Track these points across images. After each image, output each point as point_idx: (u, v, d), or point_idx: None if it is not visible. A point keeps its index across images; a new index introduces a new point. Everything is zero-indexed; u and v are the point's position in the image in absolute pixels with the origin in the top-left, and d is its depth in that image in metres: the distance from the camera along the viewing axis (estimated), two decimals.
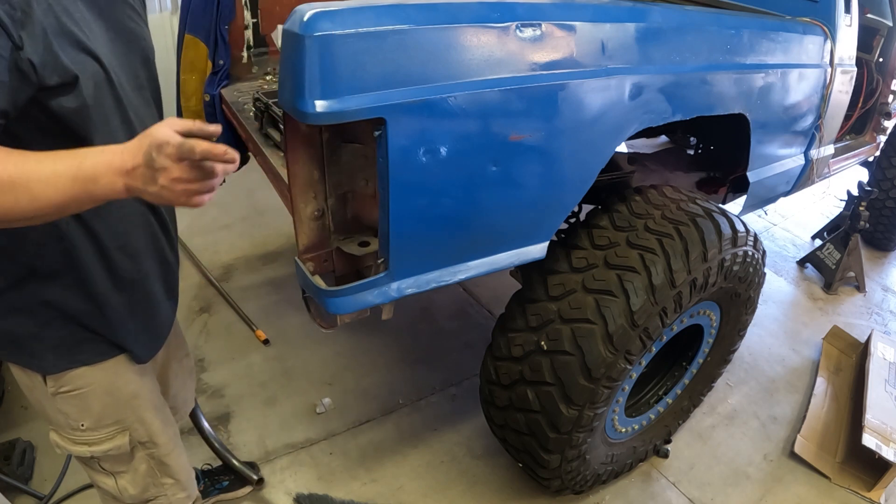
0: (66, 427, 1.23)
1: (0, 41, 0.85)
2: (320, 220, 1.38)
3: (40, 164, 0.85)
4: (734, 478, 2.27)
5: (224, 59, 2.21)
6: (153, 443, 1.34)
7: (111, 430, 1.25)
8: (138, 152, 0.85)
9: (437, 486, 2.11)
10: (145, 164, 0.85)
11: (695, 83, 1.67)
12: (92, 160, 0.86)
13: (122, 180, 0.86)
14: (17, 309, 1.08)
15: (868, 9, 2.89)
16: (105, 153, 0.88)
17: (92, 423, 1.23)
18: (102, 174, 0.86)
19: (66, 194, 0.86)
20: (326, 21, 1.01)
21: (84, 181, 0.85)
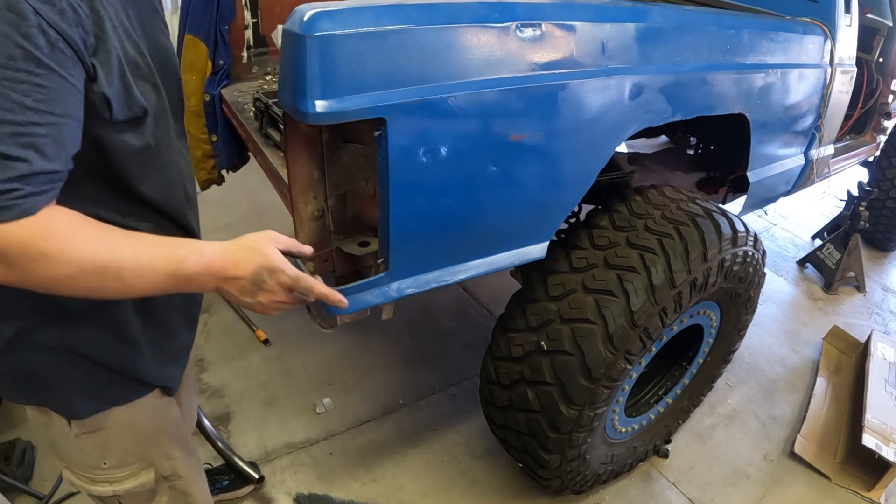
0: (85, 466, 1.12)
1: (74, 71, 0.75)
2: (320, 220, 1.38)
3: (136, 251, 0.82)
4: (734, 478, 2.27)
5: (224, 59, 2.21)
6: (177, 475, 1.25)
7: (136, 467, 1.16)
8: (244, 266, 0.87)
9: (437, 486, 2.11)
10: (252, 280, 0.87)
11: (695, 83, 1.67)
12: (193, 260, 0.85)
13: (217, 283, 0.87)
14: (45, 348, 0.97)
15: (868, 9, 2.89)
16: (206, 255, 0.86)
17: (116, 462, 1.12)
18: (200, 275, 0.85)
19: (156, 288, 0.84)
20: (326, 21, 1.01)
21: (179, 279, 0.84)
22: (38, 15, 0.69)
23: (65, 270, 0.76)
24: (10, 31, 0.68)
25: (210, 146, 2.26)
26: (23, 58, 0.69)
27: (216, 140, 2.26)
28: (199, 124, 2.21)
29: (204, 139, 2.24)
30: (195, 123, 2.20)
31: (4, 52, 0.68)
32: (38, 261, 0.74)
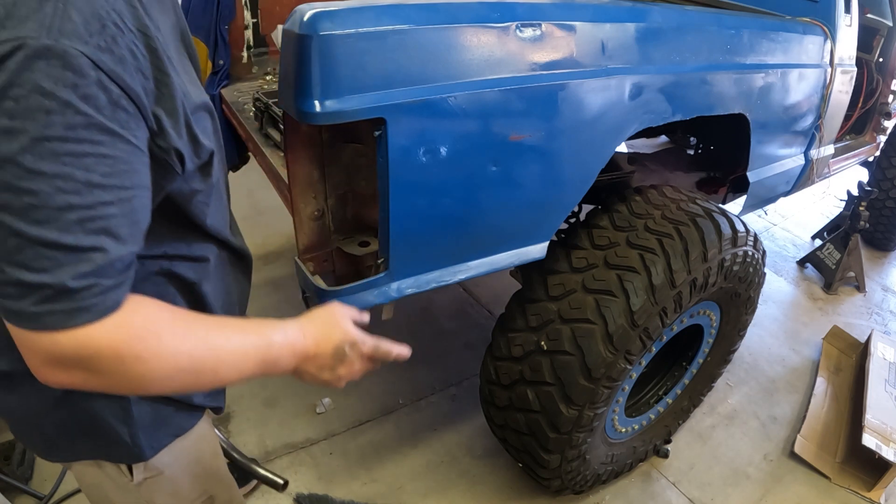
0: None
1: (138, 132, 0.64)
2: (320, 220, 1.38)
3: (230, 341, 0.76)
4: (734, 478, 2.27)
5: (224, 59, 2.21)
6: (231, 499, 1.17)
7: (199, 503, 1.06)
8: (325, 342, 0.84)
9: (437, 486, 2.11)
10: (333, 355, 0.85)
11: (695, 83, 1.67)
12: (279, 343, 0.81)
13: (296, 363, 0.83)
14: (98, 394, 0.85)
15: (868, 9, 2.89)
16: (288, 334, 0.82)
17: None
18: (285, 357, 0.81)
19: (244, 376, 0.78)
20: (326, 21, 1.01)
21: (267, 364, 0.80)
22: (97, 69, 0.58)
23: (161, 372, 0.69)
24: (68, 95, 0.56)
25: None
26: (84, 125, 0.58)
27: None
28: None
29: None
30: None
31: (63, 120, 0.56)
32: (132, 364, 0.66)
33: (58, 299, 0.60)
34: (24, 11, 0.55)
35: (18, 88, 0.54)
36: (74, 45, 0.56)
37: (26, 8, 0.55)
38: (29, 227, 0.57)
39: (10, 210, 0.57)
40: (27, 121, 0.55)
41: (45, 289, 0.60)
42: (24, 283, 0.59)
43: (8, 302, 0.61)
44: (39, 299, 0.60)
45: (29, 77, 0.54)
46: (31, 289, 0.60)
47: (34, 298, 0.60)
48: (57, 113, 0.56)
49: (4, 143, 0.55)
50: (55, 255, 0.59)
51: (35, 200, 0.57)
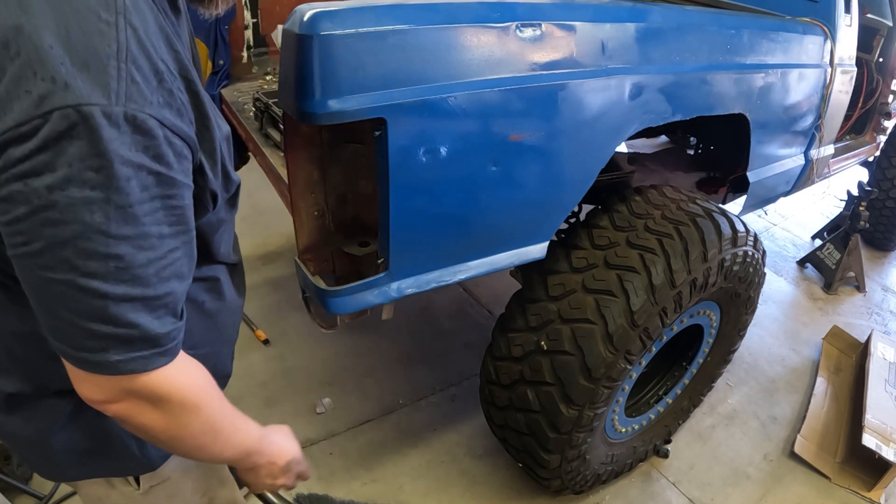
0: None
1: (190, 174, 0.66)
2: (320, 220, 1.38)
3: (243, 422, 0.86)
4: (734, 478, 2.27)
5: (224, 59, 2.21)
6: (233, 500, 1.18)
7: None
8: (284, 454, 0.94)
9: (437, 486, 2.11)
10: (283, 467, 0.94)
11: (695, 83, 1.67)
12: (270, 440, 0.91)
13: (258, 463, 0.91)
14: None
15: (868, 9, 2.89)
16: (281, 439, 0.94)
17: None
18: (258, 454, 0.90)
19: (226, 458, 0.87)
20: (326, 21, 1.01)
21: (250, 454, 0.88)
22: (163, 126, 0.59)
23: (201, 426, 0.76)
24: (142, 159, 0.57)
25: None
26: (156, 183, 0.60)
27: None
28: None
29: None
30: None
31: (140, 184, 0.58)
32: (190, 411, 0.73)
33: (143, 347, 0.64)
34: (88, 74, 0.54)
35: (97, 159, 0.55)
36: (143, 109, 0.57)
37: (90, 70, 0.55)
38: (115, 288, 0.60)
39: (96, 276, 0.59)
40: (109, 191, 0.56)
41: (132, 340, 0.63)
42: (109, 336, 0.62)
43: (87, 354, 0.63)
44: (124, 350, 0.63)
45: (106, 147, 0.55)
46: (117, 341, 0.62)
47: (118, 350, 0.63)
48: (134, 178, 0.57)
49: (88, 214, 0.56)
50: (137, 308, 0.62)
51: (120, 263, 0.59)
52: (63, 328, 0.62)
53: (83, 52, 0.55)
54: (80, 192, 0.55)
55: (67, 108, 0.53)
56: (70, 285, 0.59)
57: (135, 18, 0.60)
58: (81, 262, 0.57)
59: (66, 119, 0.53)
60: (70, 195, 0.54)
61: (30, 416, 0.84)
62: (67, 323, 0.61)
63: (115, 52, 0.57)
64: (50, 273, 0.58)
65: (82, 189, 0.55)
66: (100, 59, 0.56)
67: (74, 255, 0.57)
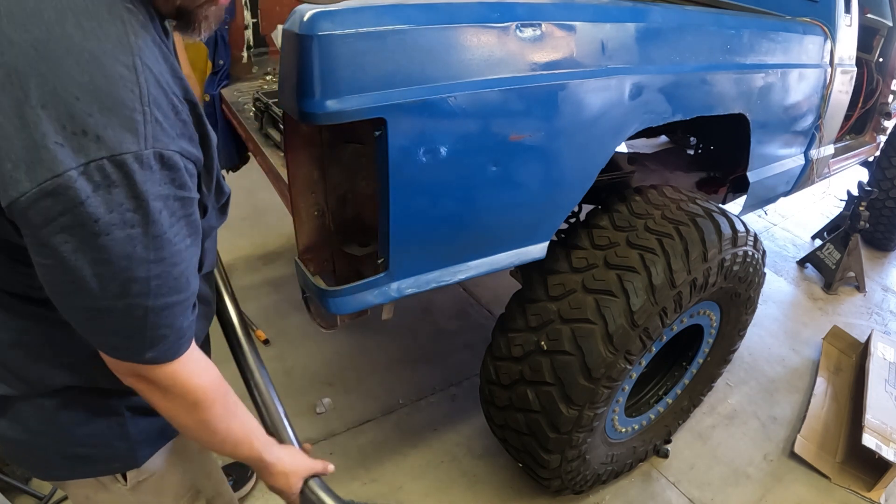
0: None
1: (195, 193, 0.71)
2: (320, 220, 1.38)
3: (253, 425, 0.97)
4: (734, 478, 2.27)
5: (224, 59, 2.21)
6: (218, 493, 1.21)
7: (187, 500, 1.12)
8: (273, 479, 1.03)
9: (437, 486, 2.11)
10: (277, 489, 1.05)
11: (695, 83, 1.67)
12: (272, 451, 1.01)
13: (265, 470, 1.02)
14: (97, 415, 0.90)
15: (868, 9, 2.89)
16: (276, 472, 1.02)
17: (169, 502, 1.09)
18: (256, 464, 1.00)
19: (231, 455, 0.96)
20: (326, 21, 1.01)
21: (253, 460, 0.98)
22: (184, 158, 0.66)
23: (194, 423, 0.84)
24: (169, 190, 0.64)
25: None
26: (181, 206, 0.67)
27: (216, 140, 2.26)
28: None
29: None
30: None
31: (170, 211, 0.65)
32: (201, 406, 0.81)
33: (172, 341, 0.73)
34: (117, 122, 0.58)
35: (134, 201, 0.60)
36: (168, 147, 0.62)
37: (118, 118, 0.58)
38: (155, 301, 0.67)
39: (140, 295, 0.66)
40: (147, 225, 0.62)
41: (165, 337, 0.71)
42: (149, 339, 0.70)
43: (123, 353, 0.72)
44: (156, 345, 0.71)
45: (141, 189, 0.60)
46: (154, 341, 0.71)
47: (152, 348, 0.71)
48: (164, 209, 0.64)
49: (131, 248, 0.62)
50: (174, 312, 0.70)
51: (159, 281, 0.66)
52: (110, 342, 0.71)
53: (108, 100, 0.59)
54: (122, 233, 0.60)
55: (102, 159, 0.57)
56: (116, 311, 0.66)
57: (148, 57, 0.63)
58: (127, 288, 0.64)
59: (102, 170, 0.57)
60: (115, 237, 0.60)
61: (16, 417, 0.87)
62: (112, 335, 0.70)
63: (139, 97, 0.60)
64: (99, 303, 0.65)
65: (124, 229, 0.60)
66: (125, 105, 0.59)
67: (121, 285, 0.64)
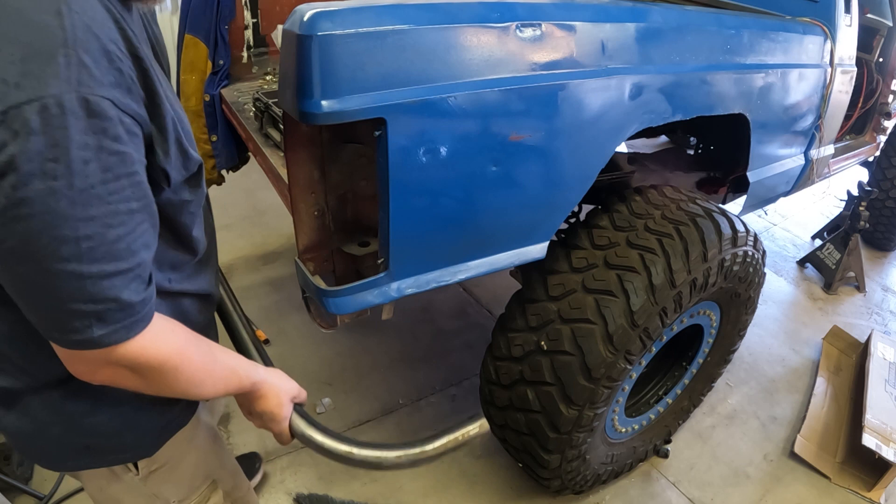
0: None
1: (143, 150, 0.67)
2: (320, 220, 1.38)
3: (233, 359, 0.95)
4: (734, 478, 2.27)
5: (224, 59, 2.21)
6: (237, 486, 1.21)
7: (204, 490, 1.11)
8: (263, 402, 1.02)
9: (437, 486, 2.11)
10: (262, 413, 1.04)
11: (695, 83, 1.67)
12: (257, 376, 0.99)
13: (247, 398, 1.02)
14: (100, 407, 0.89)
15: (868, 9, 2.89)
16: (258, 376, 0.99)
17: (185, 492, 1.08)
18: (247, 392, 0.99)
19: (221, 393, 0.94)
20: (326, 21, 1.01)
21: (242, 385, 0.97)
22: (115, 107, 0.60)
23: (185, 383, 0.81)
24: (99, 140, 0.59)
25: (210, 146, 2.26)
26: (117, 163, 0.61)
27: (216, 140, 2.26)
28: (199, 124, 2.21)
29: (204, 139, 2.24)
30: (195, 124, 2.20)
31: (100, 165, 0.59)
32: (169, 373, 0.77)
33: (121, 318, 0.67)
34: (37, 67, 0.55)
35: (55, 149, 0.56)
36: (95, 92, 0.57)
37: (38, 63, 0.55)
38: (90, 267, 0.62)
39: (71, 259, 0.60)
40: (71, 177, 0.57)
41: (112, 314, 0.66)
42: (91, 314, 0.64)
43: (72, 335, 0.66)
44: (105, 324, 0.66)
45: (63, 134, 0.55)
46: (98, 317, 0.65)
47: (100, 325, 0.66)
48: (94, 161, 0.58)
49: (54, 202, 0.57)
50: (114, 283, 0.64)
51: (92, 243, 0.61)
52: (48, 315, 0.65)
53: (30, 48, 0.56)
54: (43, 184, 0.56)
55: (21, 105, 0.54)
56: (48, 274, 0.60)
57: (79, 4, 0.60)
58: (55, 249, 0.59)
59: (20, 117, 0.54)
60: (35, 188, 0.56)
61: (24, 410, 0.87)
62: (51, 309, 0.64)
63: (63, 41, 0.57)
64: (27, 266, 0.60)
65: (45, 181, 0.56)
66: (47, 50, 0.56)
67: (47, 244, 0.59)
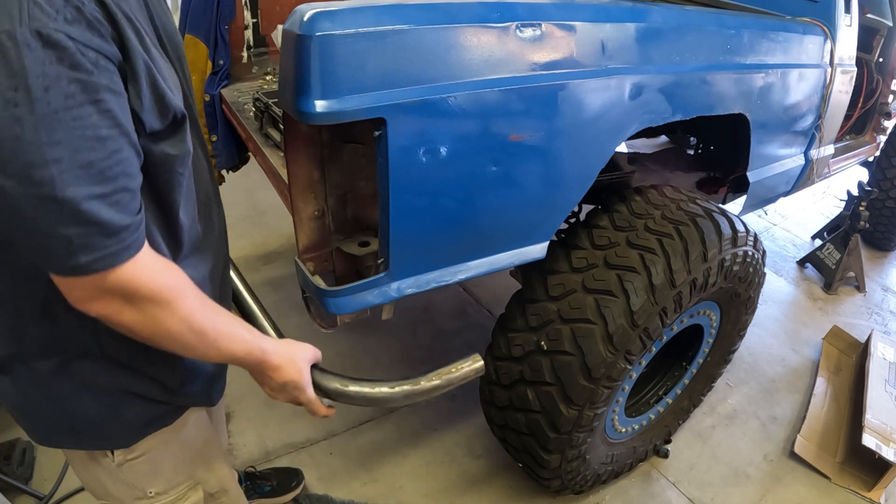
0: (129, 499, 1.07)
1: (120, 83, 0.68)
2: (320, 220, 1.38)
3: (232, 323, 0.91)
4: (734, 478, 2.27)
5: (224, 59, 2.21)
6: (223, 491, 1.21)
7: (183, 488, 1.12)
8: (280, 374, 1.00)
9: (437, 486, 2.11)
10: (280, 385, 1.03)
11: (695, 83, 1.67)
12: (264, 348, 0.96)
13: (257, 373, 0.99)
14: (84, 389, 0.92)
15: (868, 9, 2.89)
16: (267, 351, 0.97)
17: (162, 486, 1.08)
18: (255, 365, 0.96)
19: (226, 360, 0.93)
20: (326, 21, 1.01)
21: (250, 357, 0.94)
22: (72, 40, 0.62)
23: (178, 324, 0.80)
24: (57, 69, 0.61)
25: (210, 146, 2.26)
26: (80, 90, 0.63)
27: (216, 140, 2.26)
28: (199, 124, 2.21)
29: (204, 139, 2.24)
30: None
31: (61, 91, 0.61)
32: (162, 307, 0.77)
33: (107, 244, 0.69)
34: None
35: (13, 78, 0.59)
36: (47, 26, 0.60)
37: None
38: (64, 191, 0.63)
39: (42, 184, 0.63)
40: (31, 103, 0.60)
41: (96, 238, 0.67)
42: (74, 238, 0.66)
43: (59, 262, 0.69)
44: (90, 250, 0.68)
45: (20, 65, 0.59)
46: (82, 242, 0.67)
47: (86, 251, 0.68)
48: (53, 87, 0.61)
49: (19, 129, 0.60)
50: (93, 206, 0.66)
51: (61, 167, 0.63)
52: (36, 244, 0.67)
53: None
54: (6, 112, 0.59)
55: None
56: (25, 200, 0.63)
57: None
58: (28, 174, 0.62)
59: None
60: (2, 116, 0.59)
61: (14, 379, 0.90)
62: (38, 237, 0.66)
63: None
64: (5, 196, 0.63)
65: (7, 108, 0.59)
66: None
67: (19, 171, 0.61)
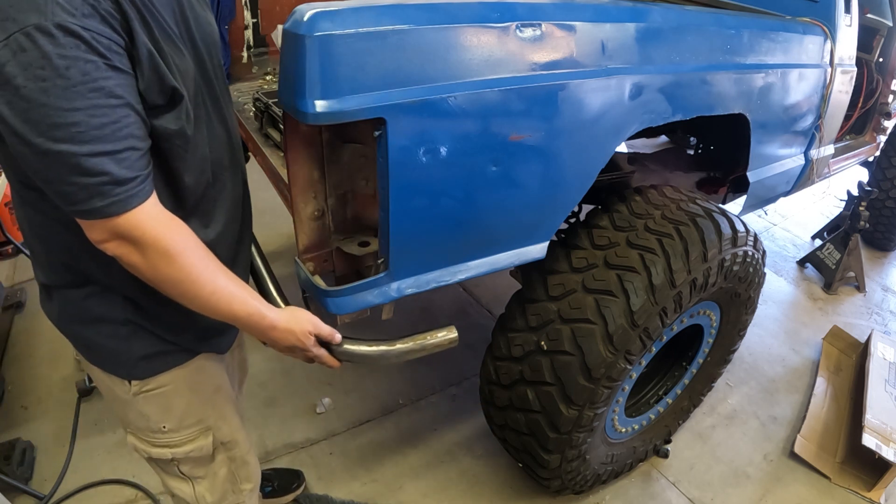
0: (146, 430, 1.20)
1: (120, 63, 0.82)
2: (320, 220, 1.38)
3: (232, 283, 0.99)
4: (734, 478, 2.27)
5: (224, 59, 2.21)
6: (234, 441, 1.30)
7: (194, 431, 1.22)
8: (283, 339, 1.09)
9: (437, 486, 2.11)
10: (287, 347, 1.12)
11: (695, 83, 1.67)
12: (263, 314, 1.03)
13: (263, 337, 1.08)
14: (103, 319, 1.07)
15: (868, 9, 2.89)
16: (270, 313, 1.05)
17: (174, 424, 1.19)
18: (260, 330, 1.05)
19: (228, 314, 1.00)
20: (327, 21, 1.01)
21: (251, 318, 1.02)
22: (87, 30, 0.78)
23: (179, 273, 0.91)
24: (74, 52, 0.77)
25: None
26: (94, 68, 0.78)
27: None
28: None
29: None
30: None
31: (78, 70, 0.77)
32: (164, 255, 0.89)
33: (118, 192, 0.83)
34: (25, 7, 0.76)
35: (43, 59, 0.75)
36: (67, 21, 0.76)
37: (26, 4, 0.76)
38: (81, 147, 0.79)
39: (64, 140, 0.78)
40: (56, 78, 0.76)
41: (105, 185, 0.82)
42: (89, 186, 0.82)
43: (79, 206, 0.84)
44: (103, 196, 0.83)
45: (46, 50, 0.75)
46: (96, 189, 0.82)
47: (100, 196, 0.82)
48: (73, 67, 0.77)
49: (45, 97, 0.76)
50: (104, 161, 0.81)
51: (80, 128, 0.78)
52: (61, 191, 0.83)
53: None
54: (36, 85, 0.76)
55: (15, 33, 0.75)
56: (51, 154, 0.79)
57: None
58: (53, 133, 0.78)
59: (17, 41, 0.75)
60: (32, 89, 0.76)
61: (54, 304, 1.09)
62: (61, 184, 0.82)
63: None
64: (35, 150, 0.79)
65: (37, 82, 0.76)
66: None
67: (46, 129, 0.77)
